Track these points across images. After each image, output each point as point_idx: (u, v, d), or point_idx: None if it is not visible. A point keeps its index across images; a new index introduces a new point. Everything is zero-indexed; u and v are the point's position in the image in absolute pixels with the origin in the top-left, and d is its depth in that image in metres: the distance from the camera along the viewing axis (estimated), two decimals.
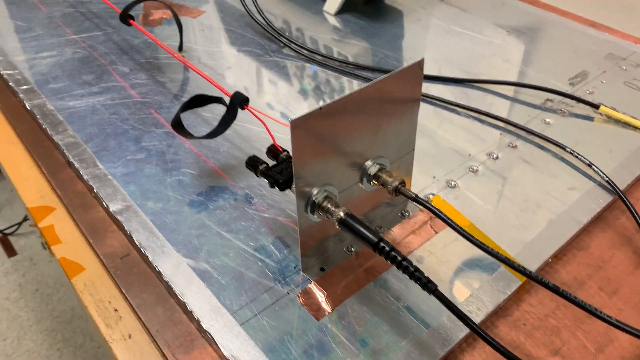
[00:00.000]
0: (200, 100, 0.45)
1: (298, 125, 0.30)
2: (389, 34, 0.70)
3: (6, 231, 1.59)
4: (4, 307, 1.37)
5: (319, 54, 0.64)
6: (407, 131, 0.40)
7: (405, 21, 0.75)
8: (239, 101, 0.44)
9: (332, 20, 0.74)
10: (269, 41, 0.67)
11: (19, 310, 1.36)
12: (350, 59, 0.64)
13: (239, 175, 0.46)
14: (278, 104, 0.56)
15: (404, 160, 0.41)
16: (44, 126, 0.51)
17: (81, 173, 0.46)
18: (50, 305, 1.38)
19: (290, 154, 0.40)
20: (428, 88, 0.59)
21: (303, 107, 0.56)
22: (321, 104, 0.32)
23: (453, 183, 0.46)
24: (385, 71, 0.62)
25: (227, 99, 0.46)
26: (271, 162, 0.40)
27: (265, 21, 0.68)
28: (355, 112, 0.34)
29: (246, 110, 0.45)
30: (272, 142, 0.40)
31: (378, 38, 0.69)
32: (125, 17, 0.57)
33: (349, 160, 0.36)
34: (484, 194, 0.45)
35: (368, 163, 0.37)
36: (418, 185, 0.46)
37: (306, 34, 0.69)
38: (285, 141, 0.41)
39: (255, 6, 0.70)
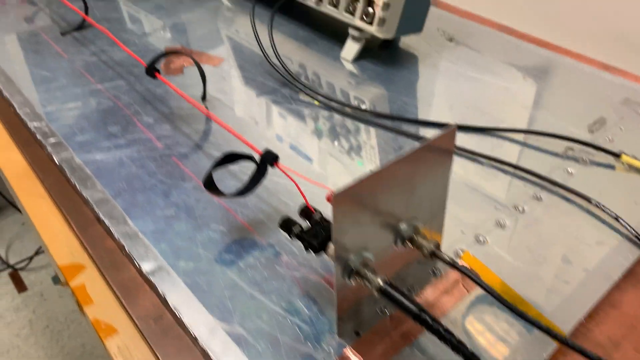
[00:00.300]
0: (231, 158, 0.46)
1: (340, 200, 0.31)
2: (405, 80, 0.71)
3: (17, 266, 1.59)
4: (14, 344, 1.36)
5: (335, 101, 0.65)
6: (440, 192, 0.40)
7: (420, 66, 0.76)
8: (270, 159, 0.45)
9: (349, 66, 0.75)
10: (289, 89, 0.68)
11: (29, 348, 1.35)
12: (367, 105, 0.65)
13: (267, 231, 0.46)
14: (287, 136, 0.57)
15: (436, 220, 0.41)
16: (72, 181, 0.52)
17: (112, 231, 0.46)
18: (61, 342, 1.37)
19: (323, 215, 0.40)
20: None
21: (315, 143, 0.56)
22: (361, 175, 0.32)
23: (482, 238, 0.46)
24: (403, 119, 0.62)
25: (255, 154, 0.46)
26: (303, 222, 0.41)
27: (284, 67, 0.69)
28: (391, 178, 0.35)
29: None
30: (305, 202, 0.41)
31: (394, 84, 0.70)
32: (152, 71, 0.58)
33: (384, 223, 0.36)
34: (513, 249, 0.45)
35: (403, 226, 0.38)
36: (447, 240, 0.46)
37: (323, 79, 0.71)
38: (312, 194, 0.42)
39: (274, 51, 0.71)
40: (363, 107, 0.65)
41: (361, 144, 0.59)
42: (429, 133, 0.60)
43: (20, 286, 1.53)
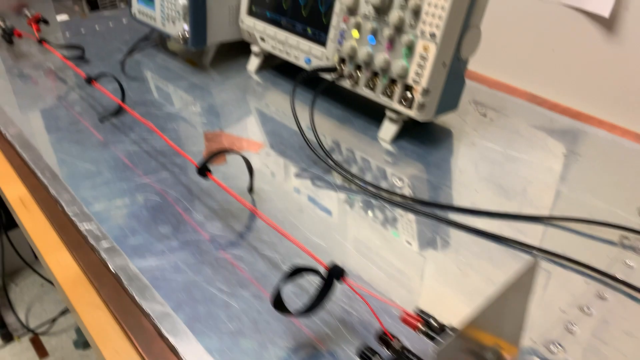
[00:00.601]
0: (297, 272, 0.45)
1: (444, 356, 0.30)
2: (442, 158, 0.72)
3: (37, 330, 1.57)
4: None
5: (373, 185, 0.65)
6: (519, 315, 0.40)
7: (457, 143, 0.76)
8: (337, 274, 0.45)
9: (386, 145, 0.76)
10: (332, 175, 0.68)
11: None
12: (405, 183, 0.65)
13: (334, 346, 0.46)
14: (338, 227, 0.57)
15: (513, 342, 0.41)
16: (130, 291, 0.51)
17: (179, 352, 0.45)
18: None
19: (403, 344, 0.40)
20: (492, 224, 0.60)
21: (369, 234, 0.56)
22: (459, 323, 0.32)
23: (554, 349, 0.46)
24: (442, 206, 0.62)
25: (320, 267, 0.46)
26: (380, 347, 0.40)
27: (327, 154, 0.69)
28: (482, 318, 0.34)
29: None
30: (381, 327, 0.40)
31: (431, 163, 0.71)
32: (204, 171, 0.59)
33: (471, 355, 0.36)
34: None
35: (489, 356, 0.37)
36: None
37: (359, 156, 0.71)
38: (380, 311, 0.41)
39: (316, 138, 0.72)
40: (400, 184, 0.65)
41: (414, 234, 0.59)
42: (471, 220, 0.60)
43: (41, 352, 1.51)
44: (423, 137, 0.77)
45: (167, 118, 0.80)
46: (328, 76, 0.79)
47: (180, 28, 0.91)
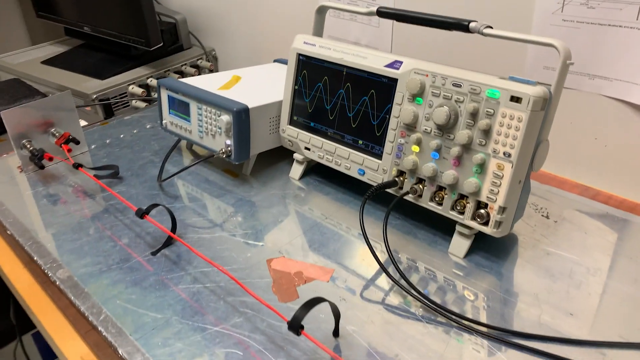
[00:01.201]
0: None
1: None
2: (515, 272, 0.69)
3: None
4: None
5: (456, 314, 0.61)
6: None
7: (529, 254, 0.74)
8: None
9: (455, 258, 0.73)
10: (411, 304, 0.64)
11: None
12: (480, 297, 0.61)
13: None
14: None
15: None
16: None
17: None
18: None
19: None
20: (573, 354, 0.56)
21: None
22: None
23: None
24: (510, 331, 0.59)
25: None
26: None
27: (406, 281, 0.66)
28: None
29: None
30: None
31: (501, 274, 0.68)
32: (297, 328, 0.55)
33: None
34: None
35: None
36: None
37: (425, 267, 0.68)
38: None
39: (390, 257, 0.69)
40: (472, 298, 0.62)
41: None
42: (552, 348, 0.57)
43: None
44: (490, 246, 0.75)
45: (220, 242, 0.76)
46: (392, 190, 0.77)
47: (221, 143, 0.89)
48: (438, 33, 1.07)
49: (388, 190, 0.77)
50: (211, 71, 1.60)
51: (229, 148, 0.87)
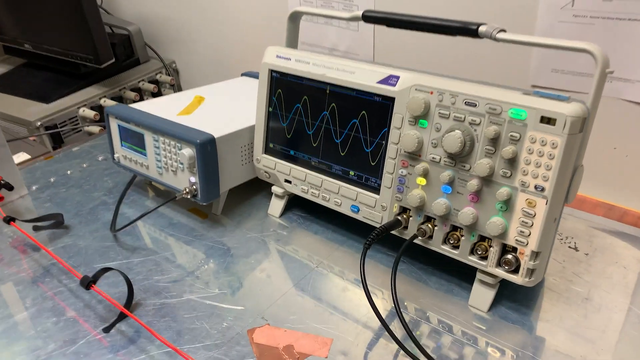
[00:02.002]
0: None
1: None
2: (549, 324, 0.57)
3: None
4: None
5: None
6: None
7: (562, 298, 0.62)
8: None
9: (477, 311, 0.60)
10: None
11: None
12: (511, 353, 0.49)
13: None
14: None
15: None
16: None
17: None
18: None
19: None
20: None
21: None
22: None
23: None
24: None
25: None
26: None
27: (416, 343, 0.53)
28: None
29: None
30: None
31: (533, 332, 0.56)
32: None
33: None
34: None
35: None
36: None
37: (434, 320, 0.55)
38: None
39: (399, 316, 0.56)
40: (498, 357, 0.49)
41: None
42: None
43: None
44: (514, 291, 0.63)
45: (189, 308, 0.62)
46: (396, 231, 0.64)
47: (184, 180, 0.74)
48: (427, 36, 0.94)
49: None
50: (172, 86, 1.45)
51: (194, 186, 0.73)
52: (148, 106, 0.82)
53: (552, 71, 0.82)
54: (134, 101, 1.33)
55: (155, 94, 1.39)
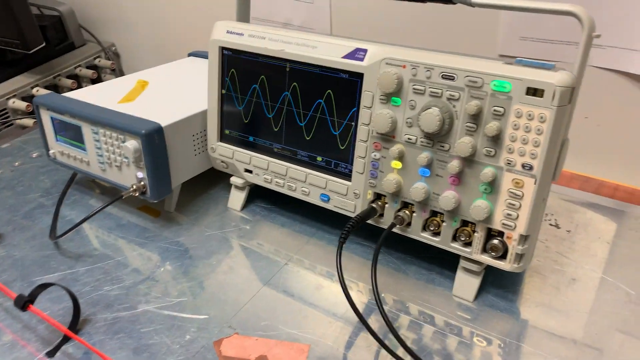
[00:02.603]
0: None
1: None
2: (537, 309, 0.54)
3: None
4: None
5: None
6: None
7: (550, 281, 0.59)
8: None
9: (460, 299, 0.56)
10: None
11: None
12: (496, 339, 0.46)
13: None
14: None
15: None
16: None
17: None
18: None
19: None
20: None
21: None
22: None
23: None
24: None
25: None
26: None
27: (401, 343, 0.48)
28: None
29: None
30: None
31: (521, 318, 0.52)
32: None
33: None
34: None
35: None
36: None
37: (428, 314, 0.51)
38: None
39: (381, 312, 0.51)
40: (484, 346, 0.46)
41: None
42: None
43: None
44: (498, 276, 0.59)
45: (146, 321, 0.54)
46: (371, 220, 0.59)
47: (131, 176, 0.66)
48: (387, 6, 0.88)
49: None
50: (113, 70, 1.33)
51: (143, 183, 0.65)
52: (84, 94, 0.73)
53: (521, 39, 0.78)
54: (71, 89, 1.21)
55: (95, 81, 1.27)
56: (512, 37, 0.79)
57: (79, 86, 1.25)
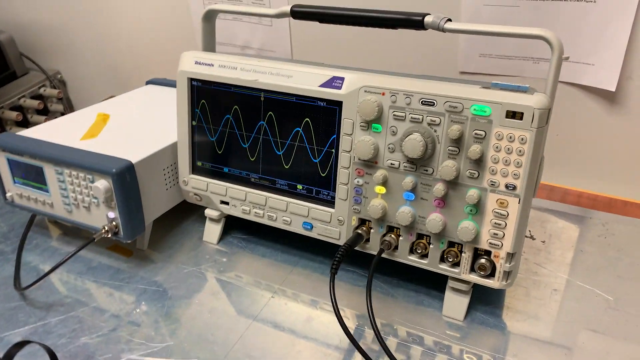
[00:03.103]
0: None
1: None
2: (523, 322, 0.55)
3: None
4: None
5: None
6: None
7: (532, 295, 0.60)
8: None
9: (448, 320, 0.57)
10: None
11: None
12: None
13: None
14: None
15: None
16: None
17: None
18: None
19: None
20: None
21: None
22: None
23: None
24: None
25: None
26: None
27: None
28: None
29: None
30: None
31: (510, 333, 0.54)
32: None
33: None
34: None
35: None
36: None
37: (412, 336, 0.51)
38: None
39: (379, 340, 0.50)
40: None
41: None
42: None
43: None
44: (486, 292, 0.60)
45: None
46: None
47: (101, 217, 0.63)
48: (347, 29, 0.89)
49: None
50: (60, 100, 1.27)
51: (114, 223, 0.62)
52: (42, 132, 0.69)
53: (480, 56, 0.81)
54: (16, 122, 1.15)
55: (41, 111, 1.21)
56: (472, 55, 0.81)
57: (25, 118, 1.18)
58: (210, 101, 0.63)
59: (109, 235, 0.62)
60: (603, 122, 0.77)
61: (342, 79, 0.55)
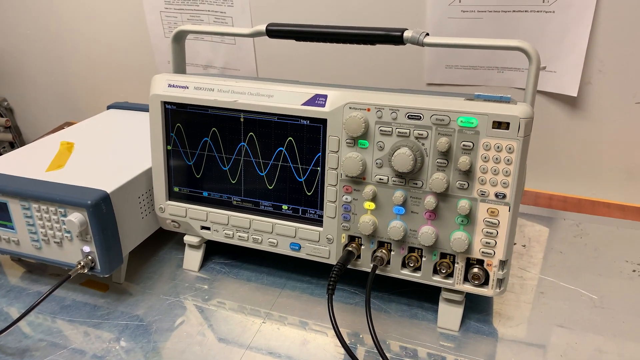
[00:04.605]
0: None
1: None
2: (518, 329, 0.56)
3: None
4: None
5: None
6: None
7: (522, 301, 0.61)
8: None
9: (443, 330, 0.57)
10: None
11: None
12: None
13: None
14: None
15: None
16: None
17: None
18: None
19: None
20: None
21: None
22: None
23: None
24: None
25: None
26: None
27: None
28: None
29: None
30: None
31: (506, 340, 0.55)
32: None
33: None
34: None
35: None
36: None
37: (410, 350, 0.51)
38: None
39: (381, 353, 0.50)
40: None
41: None
42: None
43: None
44: (477, 300, 0.60)
45: None
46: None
47: (75, 252, 0.59)
48: (313, 45, 0.89)
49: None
50: (7, 128, 1.21)
51: (90, 257, 0.59)
52: (1, 165, 0.65)
53: (446, 67, 0.82)
54: None
55: None
56: (438, 67, 0.83)
57: None
58: (186, 124, 0.61)
59: (85, 271, 0.59)
60: (567, 126, 0.80)
61: (325, 96, 0.54)
